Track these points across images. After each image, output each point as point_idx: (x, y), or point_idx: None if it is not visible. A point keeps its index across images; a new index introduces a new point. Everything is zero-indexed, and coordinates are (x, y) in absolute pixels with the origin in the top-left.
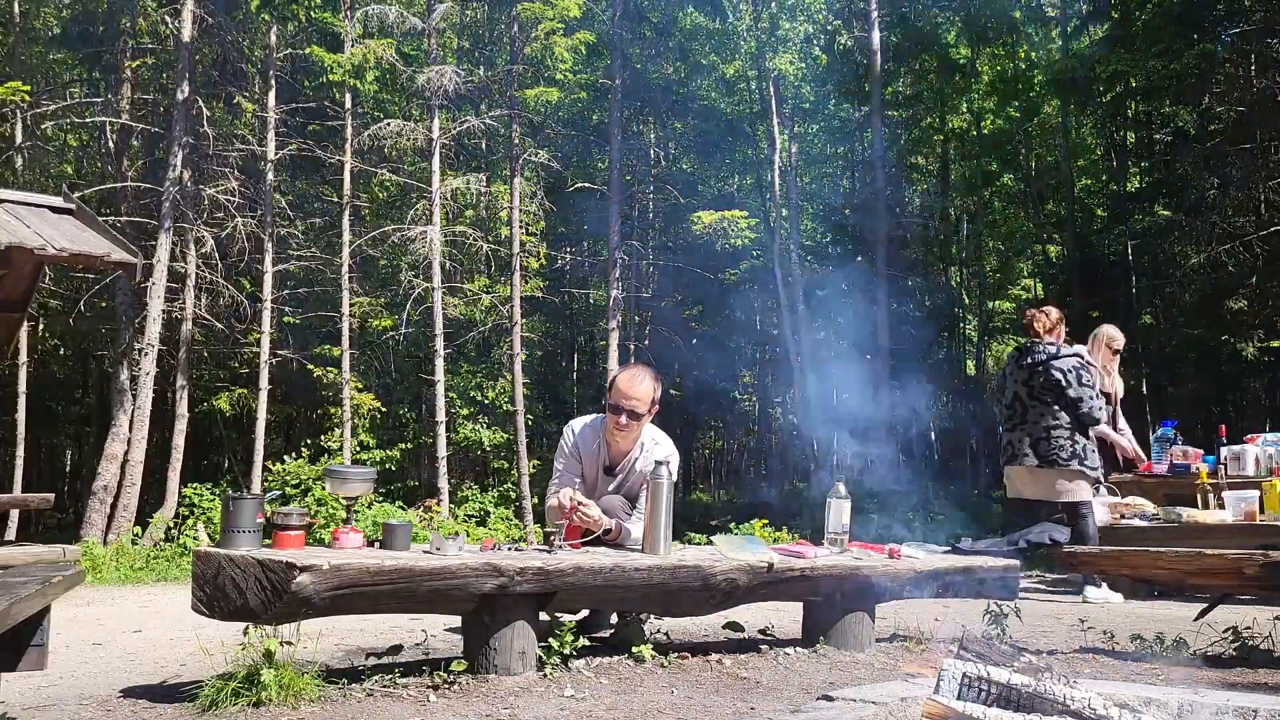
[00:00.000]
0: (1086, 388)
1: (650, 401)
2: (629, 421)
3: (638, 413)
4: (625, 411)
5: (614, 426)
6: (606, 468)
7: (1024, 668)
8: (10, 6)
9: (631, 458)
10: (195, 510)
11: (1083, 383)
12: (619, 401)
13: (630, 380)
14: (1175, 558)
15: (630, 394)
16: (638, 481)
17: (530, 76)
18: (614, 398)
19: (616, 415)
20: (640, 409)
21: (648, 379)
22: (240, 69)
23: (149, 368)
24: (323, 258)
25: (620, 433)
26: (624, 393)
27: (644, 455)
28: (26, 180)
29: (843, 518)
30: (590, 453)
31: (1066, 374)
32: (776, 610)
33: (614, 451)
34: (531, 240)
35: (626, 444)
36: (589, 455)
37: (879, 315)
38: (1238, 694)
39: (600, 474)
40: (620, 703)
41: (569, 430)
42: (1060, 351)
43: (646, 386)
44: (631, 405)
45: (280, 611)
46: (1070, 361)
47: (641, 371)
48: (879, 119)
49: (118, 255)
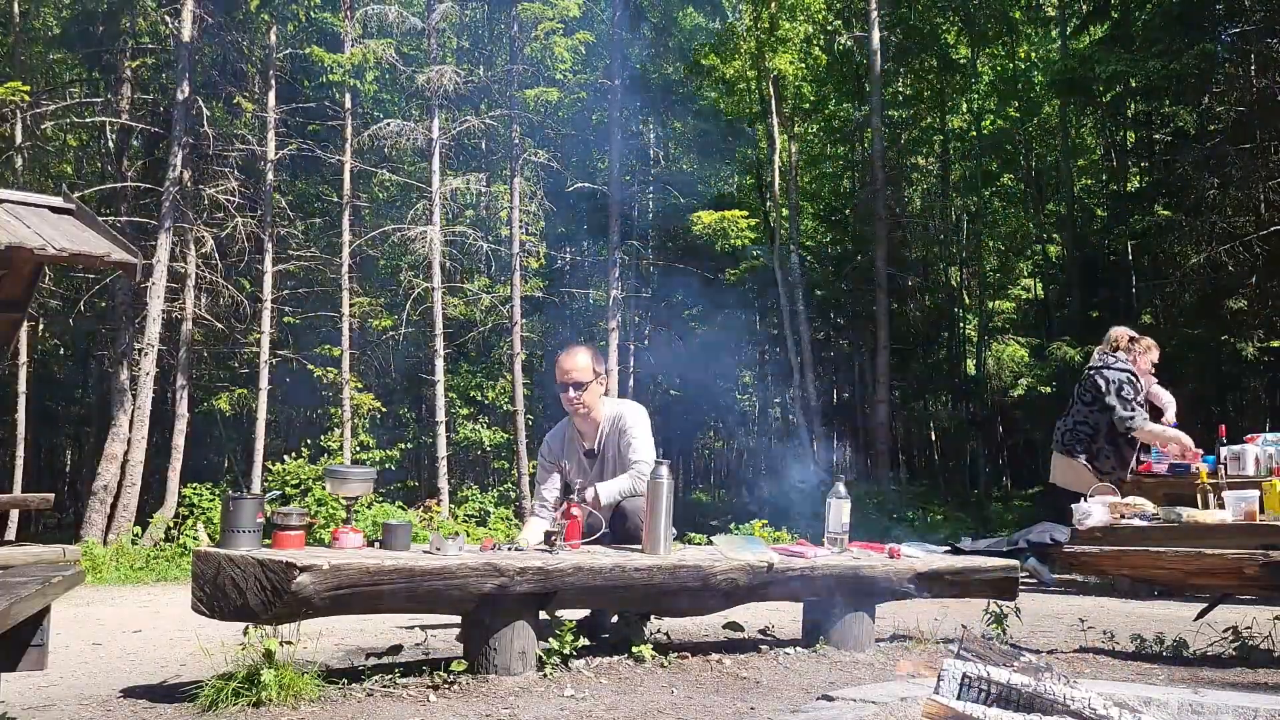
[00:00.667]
0: (1123, 400)
1: (590, 371)
2: (576, 394)
3: (581, 382)
4: (569, 385)
5: (567, 404)
6: (587, 453)
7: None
8: (10, 6)
9: (602, 433)
10: (195, 510)
11: (1121, 395)
12: (561, 379)
13: (567, 356)
14: (1175, 558)
15: (569, 367)
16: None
17: (530, 76)
18: (558, 378)
19: (564, 392)
20: (583, 378)
21: (582, 352)
22: (240, 69)
23: (149, 368)
24: (323, 258)
25: (575, 409)
26: (563, 369)
27: (614, 428)
28: (26, 180)
29: (843, 518)
30: (569, 449)
31: (1110, 382)
32: (776, 610)
33: (585, 434)
34: (531, 240)
35: (591, 420)
36: (568, 453)
37: (879, 315)
38: (1238, 694)
39: (582, 462)
40: (620, 703)
41: (544, 443)
42: (1112, 363)
43: (582, 358)
44: (573, 378)
45: (280, 611)
46: (1117, 375)
47: (575, 346)
48: (879, 119)
49: (118, 255)
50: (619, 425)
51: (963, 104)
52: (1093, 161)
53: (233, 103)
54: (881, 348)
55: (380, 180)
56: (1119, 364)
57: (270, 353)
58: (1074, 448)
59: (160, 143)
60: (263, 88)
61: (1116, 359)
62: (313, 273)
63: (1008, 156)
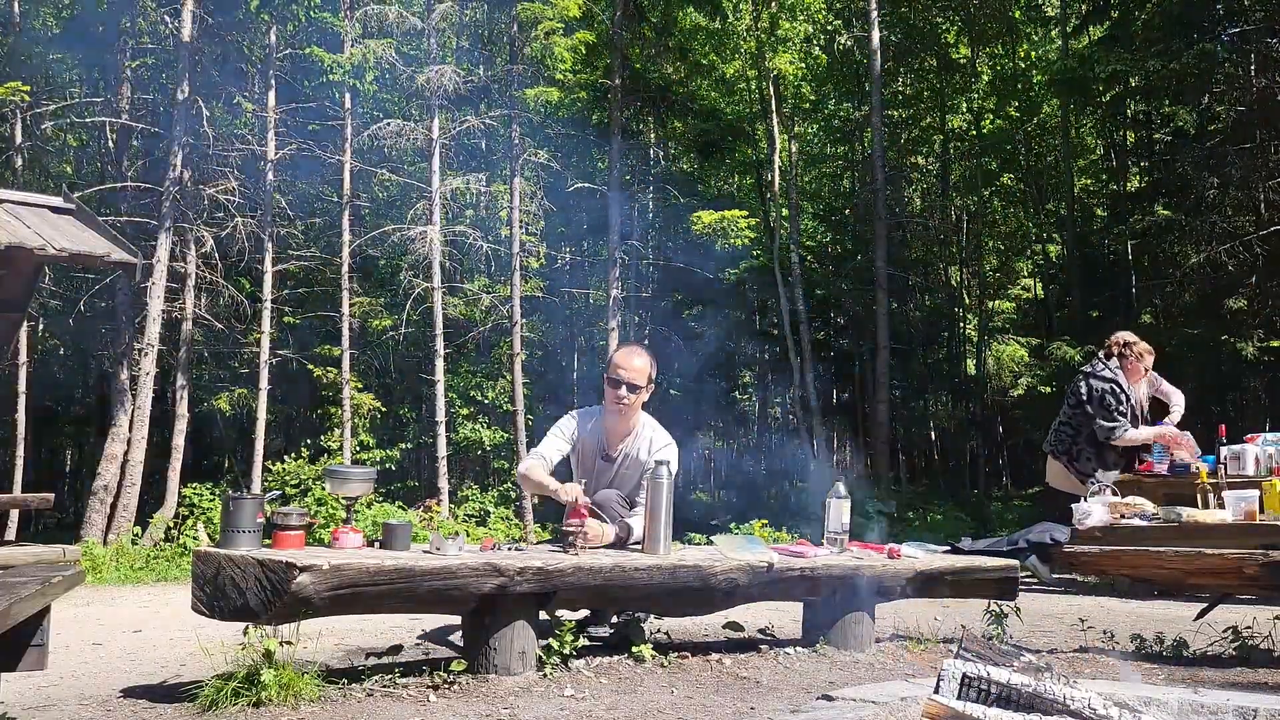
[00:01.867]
0: (1105, 410)
1: (646, 377)
2: (628, 394)
3: (636, 384)
4: (624, 384)
5: (613, 400)
6: (604, 454)
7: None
8: (10, 6)
9: (629, 445)
10: (195, 510)
11: (1103, 405)
12: (617, 374)
13: (627, 355)
14: (1175, 558)
15: (627, 366)
16: (636, 472)
17: (530, 76)
18: (612, 372)
19: (615, 388)
20: (638, 380)
21: (643, 354)
22: (240, 69)
23: (149, 368)
24: (323, 258)
25: (619, 407)
26: (620, 365)
27: (643, 447)
28: (26, 180)
29: (842, 518)
30: (589, 440)
31: (1092, 391)
32: (776, 610)
33: (611, 435)
34: (531, 240)
35: (625, 424)
36: (588, 443)
37: (879, 315)
38: (1238, 694)
39: (598, 461)
40: (620, 703)
41: (571, 415)
42: (1099, 371)
43: (642, 361)
44: (630, 377)
45: (280, 611)
46: (1100, 385)
47: (637, 347)
48: (879, 119)
49: (118, 255)
50: (651, 449)
51: (963, 104)
52: (1093, 161)
53: (233, 103)
54: (881, 348)
55: (380, 180)
56: (1104, 372)
57: (270, 353)
58: (1056, 448)
59: (160, 143)
60: (263, 88)
61: (1106, 366)
62: (313, 273)
63: (1008, 156)
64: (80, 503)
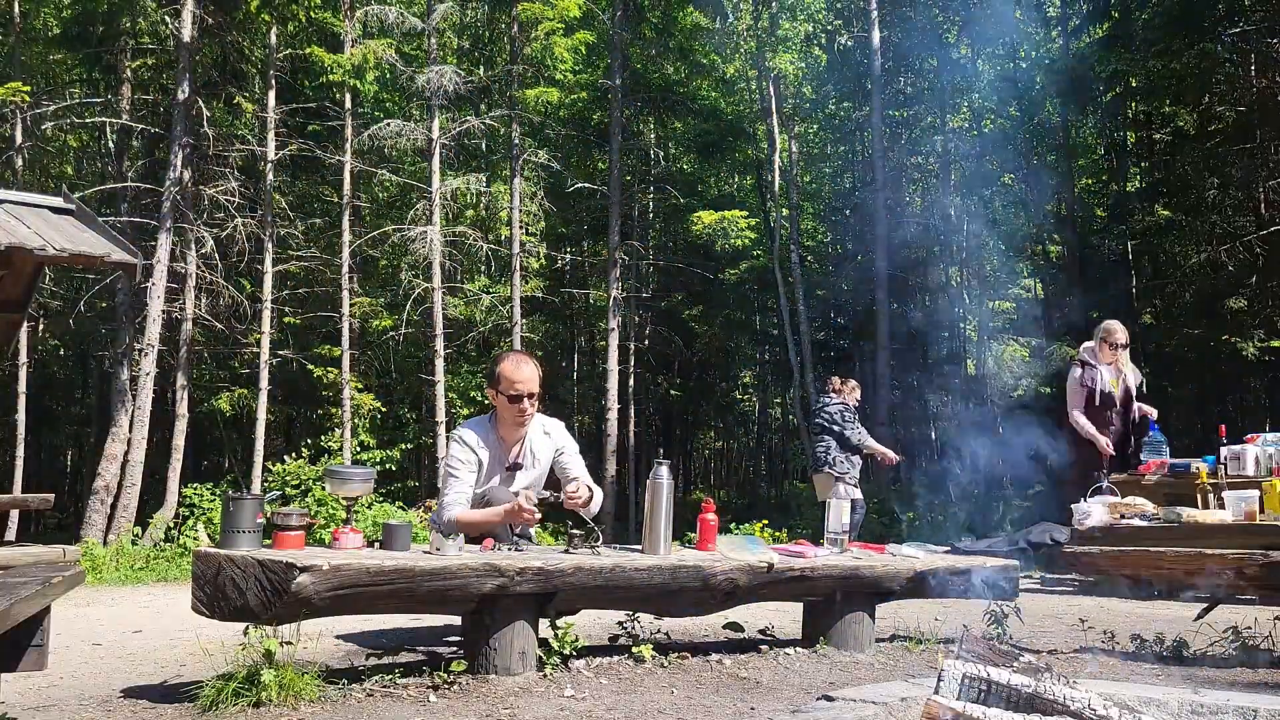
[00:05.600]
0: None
1: (539, 381)
2: (530, 405)
3: (534, 392)
4: (525, 396)
5: (518, 415)
6: (509, 465)
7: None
8: (10, 6)
9: (525, 445)
10: (195, 510)
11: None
12: (517, 390)
13: (516, 367)
14: (1175, 558)
15: (523, 378)
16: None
17: (530, 76)
18: (508, 389)
19: (518, 403)
20: (536, 388)
21: (529, 359)
22: (240, 69)
23: (149, 368)
24: (323, 258)
25: (525, 419)
26: (516, 380)
27: (537, 439)
28: (26, 180)
29: (842, 518)
30: (490, 455)
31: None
32: (776, 610)
33: (509, 443)
34: (531, 240)
35: (522, 431)
36: (490, 458)
37: (879, 315)
38: (1238, 694)
39: (503, 473)
40: (620, 703)
41: (465, 436)
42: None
43: (532, 367)
44: (530, 388)
45: (280, 611)
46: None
47: (521, 355)
48: (879, 119)
49: (118, 255)
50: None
51: (963, 104)
52: (1093, 161)
53: (233, 103)
54: (881, 348)
55: (380, 180)
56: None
57: (270, 353)
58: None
59: (160, 143)
60: (263, 88)
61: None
62: (313, 273)
63: (1008, 156)
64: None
